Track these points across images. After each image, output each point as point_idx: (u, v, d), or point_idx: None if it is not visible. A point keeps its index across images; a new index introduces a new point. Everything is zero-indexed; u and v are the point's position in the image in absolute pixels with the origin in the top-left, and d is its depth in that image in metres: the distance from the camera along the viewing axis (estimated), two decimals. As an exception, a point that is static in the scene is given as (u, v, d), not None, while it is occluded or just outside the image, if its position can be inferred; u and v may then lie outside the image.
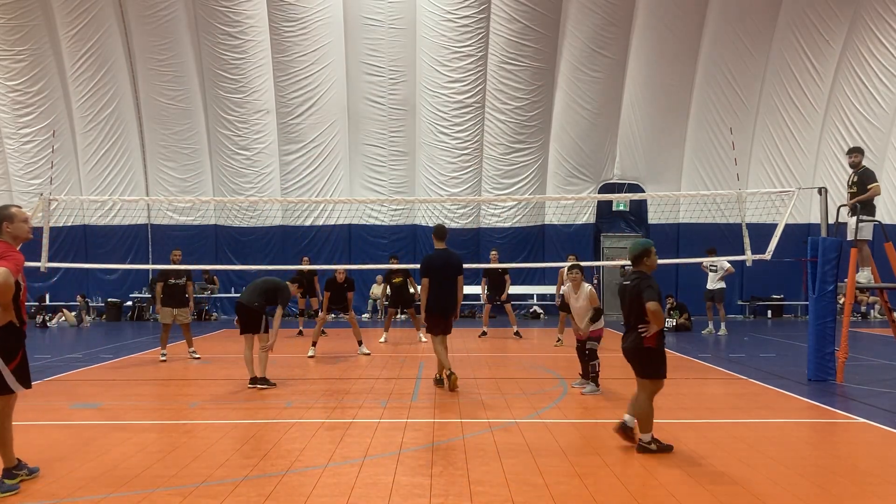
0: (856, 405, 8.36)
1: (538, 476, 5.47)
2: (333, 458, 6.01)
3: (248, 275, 21.55)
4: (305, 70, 21.40)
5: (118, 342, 15.58)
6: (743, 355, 13.02)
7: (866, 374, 10.68)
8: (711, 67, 21.70)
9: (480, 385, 9.62)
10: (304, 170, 22.06)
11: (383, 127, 21.98)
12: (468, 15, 20.97)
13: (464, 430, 6.98)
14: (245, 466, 5.74)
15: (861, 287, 10.52)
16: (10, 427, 5.28)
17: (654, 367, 6.28)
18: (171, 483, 5.32)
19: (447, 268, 9.26)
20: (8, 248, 5.06)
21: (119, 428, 7.15)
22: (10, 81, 21.42)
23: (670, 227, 22.06)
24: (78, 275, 22.01)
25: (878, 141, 22.03)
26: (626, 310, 6.39)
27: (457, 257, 9.57)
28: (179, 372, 11.04)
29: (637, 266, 6.45)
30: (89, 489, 5.18)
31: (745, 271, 19.93)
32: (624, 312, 6.46)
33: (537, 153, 22.24)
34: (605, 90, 21.76)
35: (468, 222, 22.60)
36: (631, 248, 6.57)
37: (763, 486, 5.26)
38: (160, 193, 21.88)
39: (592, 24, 21.08)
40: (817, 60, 21.74)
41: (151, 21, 20.96)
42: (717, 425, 7.36)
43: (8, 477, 5.22)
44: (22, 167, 21.92)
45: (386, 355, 12.97)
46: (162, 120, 21.87)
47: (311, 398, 8.75)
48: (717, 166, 22.20)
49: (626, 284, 6.41)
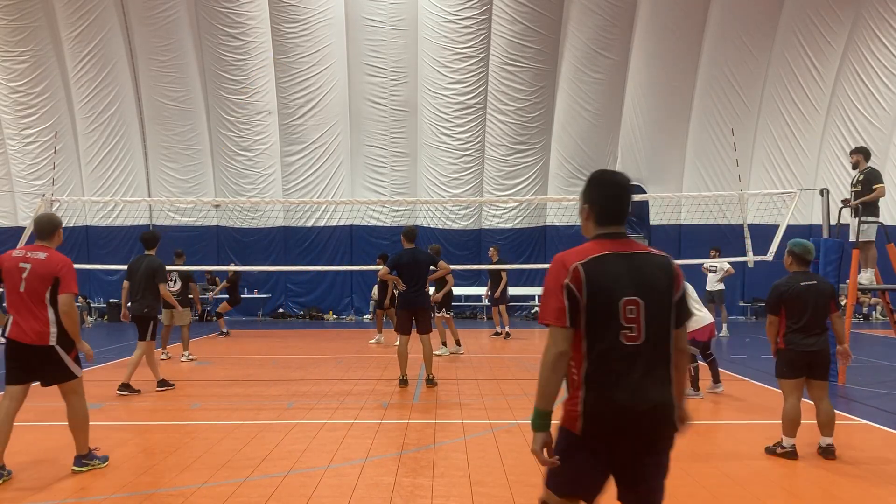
0: (857, 406, 8.35)
1: (539, 477, 5.44)
2: (335, 460, 6.01)
3: (250, 276, 21.59)
4: (307, 71, 21.42)
5: (120, 343, 15.60)
6: (744, 356, 13.02)
7: (868, 375, 10.66)
8: (713, 69, 21.69)
9: (482, 386, 9.62)
10: (305, 171, 22.08)
11: (385, 128, 21.99)
12: (470, 16, 20.99)
13: (465, 431, 6.98)
14: (247, 467, 5.74)
15: (863, 288, 10.49)
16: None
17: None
18: (172, 484, 5.32)
19: (415, 264, 9.38)
20: (58, 261, 5.54)
21: (120, 429, 7.16)
22: (12, 82, 21.46)
23: (672, 228, 22.05)
24: (80, 275, 21.68)
25: (880, 142, 22.00)
26: (811, 311, 5.94)
27: (425, 254, 9.74)
28: (181, 373, 11.05)
29: (803, 266, 6.13)
30: (90, 490, 5.19)
31: (747, 272, 19.90)
32: (803, 314, 5.95)
33: (539, 154, 22.24)
34: (607, 91, 21.76)
35: (470, 223, 22.61)
36: (805, 249, 6.15)
37: (763, 487, 5.25)
38: (162, 194, 21.91)
39: (594, 25, 21.08)
40: (819, 61, 21.72)
41: (153, 22, 20.99)
42: (718, 426, 7.35)
43: (86, 458, 5.63)
44: (24, 168, 21.97)
45: (386, 355, 12.96)
46: (164, 121, 21.90)
47: (313, 399, 8.75)
48: (718, 167, 22.19)
49: (811, 285, 5.98)
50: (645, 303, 2.82)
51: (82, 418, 5.59)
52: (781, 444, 6.09)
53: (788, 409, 6.04)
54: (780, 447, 6.09)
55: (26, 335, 5.36)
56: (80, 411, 5.58)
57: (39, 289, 5.39)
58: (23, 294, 5.39)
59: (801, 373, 6.01)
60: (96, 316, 22.11)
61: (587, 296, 2.81)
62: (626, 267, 2.86)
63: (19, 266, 5.44)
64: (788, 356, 6.02)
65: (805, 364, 5.98)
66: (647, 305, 2.82)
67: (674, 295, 2.91)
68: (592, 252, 2.88)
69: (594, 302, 2.81)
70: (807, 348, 5.93)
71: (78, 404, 5.57)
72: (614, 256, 2.87)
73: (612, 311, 2.80)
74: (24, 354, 5.40)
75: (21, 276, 5.41)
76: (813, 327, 5.95)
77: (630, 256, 2.89)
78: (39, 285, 5.39)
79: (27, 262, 5.44)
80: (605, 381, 2.81)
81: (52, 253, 5.55)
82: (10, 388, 5.44)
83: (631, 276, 2.84)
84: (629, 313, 2.80)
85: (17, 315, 5.41)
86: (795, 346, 5.95)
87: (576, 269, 2.83)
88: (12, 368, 5.46)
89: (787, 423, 6.04)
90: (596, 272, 2.83)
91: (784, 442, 6.08)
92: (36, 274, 5.40)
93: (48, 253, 5.53)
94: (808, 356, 5.96)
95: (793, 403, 6.03)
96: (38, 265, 5.42)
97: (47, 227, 5.66)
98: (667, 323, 2.88)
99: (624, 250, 2.90)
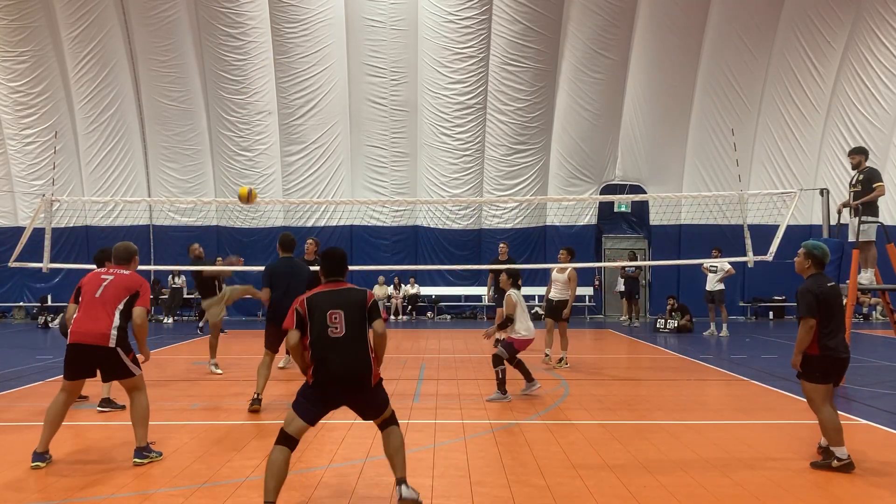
0: (858, 407, 8.34)
1: (540, 477, 5.47)
2: (335, 459, 6.01)
3: (250, 276, 21.57)
4: (307, 71, 21.42)
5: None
6: (745, 356, 13.02)
7: (868, 375, 10.66)
8: (713, 68, 21.69)
9: (482, 386, 9.61)
10: (305, 171, 22.08)
11: (385, 128, 21.99)
12: (470, 16, 20.99)
13: (465, 431, 6.98)
14: (247, 467, 5.74)
15: (863, 288, 10.49)
16: (55, 415, 5.93)
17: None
18: (173, 484, 5.32)
19: (292, 276, 8.51)
20: (139, 280, 6.18)
21: (121, 429, 7.16)
22: (12, 82, 21.46)
23: (672, 228, 22.05)
24: (80, 276, 21.78)
25: (880, 142, 21.99)
26: (838, 314, 5.79)
27: (301, 266, 8.97)
28: (181, 373, 11.05)
29: (820, 269, 5.94)
30: (91, 490, 5.19)
31: (747, 273, 19.89)
32: (832, 317, 5.76)
33: (539, 154, 22.23)
34: (607, 91, 21.76)
35: (470, 223, 22.61)
36: (824, 252, 5.94)
37: (764, 487, 5.25)
38: (162, 194, 21.91)
39: (594, 25, 21.08)
40: (819, 61, 21.71)
41: (153, 22, 20.99)
42: (719, 426, 7.35)
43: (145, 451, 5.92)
44: (24, 168, 21.97)
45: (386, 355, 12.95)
46: (164, 121, 21.90)
47: (313, 399, 8.73)
48: (718, 167, 22.18)
49: (833, 286, 5.84)
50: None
51: (143, 413, 5.95)
52: (836, 456, 5.62)
53: (829, 418, 5.67)
54: (836, 460, 5.61)
55: (89, 336, 5.83)
56: (141, 406, 5.97)
57: (115, 297, 5.96)
58: (97, 299, 5.94)
59: (832, 379, 5.81)
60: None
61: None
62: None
63: (101, 277, 6.10)
64: (825, 363, 5.71)
65: (838, 370, 5.81)
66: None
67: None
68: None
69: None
70: (842, 354, 5.74)
71: (138, 399, 5.98)
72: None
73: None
74: (84, 354, 5.87)
75: (101, 285, 6.02)
76: (840, 330, 5.79)
77: None
78: (117, 294, 5.98)
79: (109, 275, 6.12)
80: None
81: (133, 273, 6.28)
82: (67, 384, 5.97)
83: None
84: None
85: (84, 317, 5.90)
86: (834, 352, 5.69)
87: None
88: (71, 367, 5.96)
89: (834, 433, 5.64)
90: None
91: (838, 453, 5.61)
92: (116, 284, 6.02)
93: (130, 272, 6.26)
94: (844, 363, 5.79)
95: (829, 412, 5.70)
96: (121, 279, 6.08)
97: (124, 255, 6.32)
98: None
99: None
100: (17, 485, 5.31)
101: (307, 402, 4.76)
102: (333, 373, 4.68)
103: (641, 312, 21.57)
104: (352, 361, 4.72)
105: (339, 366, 4.68)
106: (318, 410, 4.78)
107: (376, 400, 4.88)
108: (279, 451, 4.66)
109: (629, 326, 19.42)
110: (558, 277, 11.85)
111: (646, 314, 22.37)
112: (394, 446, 4.83)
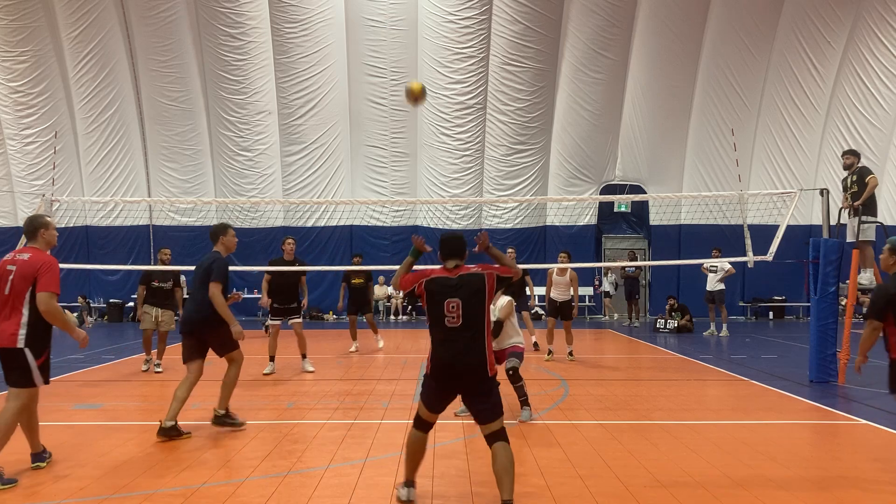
0: (857, 407, 8.35)
1: (540, 477, 5.46)
2: (335, 460, 6.01)
3: (250, 276, 21.57)
4: (307, 71, 21.42)
5: (120, 343, 15.60)
6: (744, 356, 13.01)
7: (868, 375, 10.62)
8: (713, 68, 21.70)
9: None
10: (305, 171, 22.08)
11: (385, 128, 21.99)
12: (470, 16, 20.98)
13: (465, 432, 6.97)
14: (247, 467, 5.75)
15: (863, 289, 10.50)
16: (27, 419, 5.58)
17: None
18: (173, 484, 5.32)
19: (195, 273, 7.41)
20: (39, 260, 5.45)
21: (121, 429, 7.16)
22: (12, 82, 21.47)
23: (672, 228, 22.06)
24: (79, 276, 22.02)
25: (880, 142, 22.01)
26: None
27: (206, 259, 7.49)
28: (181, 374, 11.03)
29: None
30: (91, 490, 5.19)
31: (747, 273, 19.91)
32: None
33: (539, 154, 22.23)
34: (607, 91, 21.76)
35: (470, 223, 22.59)
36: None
37: (764, 488, 5.25)
38: (162, 194, 21.91)
39: (594, 25, 21.08)
40: (819, 61, 21.72)
41: (153, 22, 20.99)
42: (719, 426, 7.35)
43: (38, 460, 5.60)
44: (24, 168, 21.97)
45: (386, 355, 12.97)
46: (164, 121, 21.90)
47: (313, 399, 8.76)
48: (718, 167, 22.19)
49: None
50: None
51: (2, 427, 5.27)
52: None
53: None
54: None
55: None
56: (11, 422, 5.33)
57: (21, 289, 5.34)
58: (8, 296, 5.35)
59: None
60: (96, 316, 22.11)
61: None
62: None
63: (6, 269, 5.42)
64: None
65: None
66: None
67: None
68: None
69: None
70: None
71: (8, 412, 5.32)
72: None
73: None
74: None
75: (8, 279, 5.38)
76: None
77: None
78: (21, 286, 5.34)
79: (14, 265, 5.43)
80: None
81: (35, 253, 5.51)
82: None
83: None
84: None
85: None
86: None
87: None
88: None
89: None
90: None
91: None
92: (19, 274, 5.36)
93: (32, 253, 5.50)
94: None
95: None
96: (22, 266, 5.39)
97: (29, 228, 5.67)
98: None
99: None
100: (17, 485, 5.30)
101: (426, 391, 4.83)
102: (446, 363, 4.68)
103: (641, 312, 21.58)
104: (464, 355, 4.66)
105: (451, 357, 4.66)
106: (437, 398, 4.80)
107: (490, 398, 4.71)
108: (413, 434, 4.84)
109: (629, 326, 19.43)
110: (559, 280, 12.21)
111: (646, 314, 22.37)
112: (502, 464, 4.60)
